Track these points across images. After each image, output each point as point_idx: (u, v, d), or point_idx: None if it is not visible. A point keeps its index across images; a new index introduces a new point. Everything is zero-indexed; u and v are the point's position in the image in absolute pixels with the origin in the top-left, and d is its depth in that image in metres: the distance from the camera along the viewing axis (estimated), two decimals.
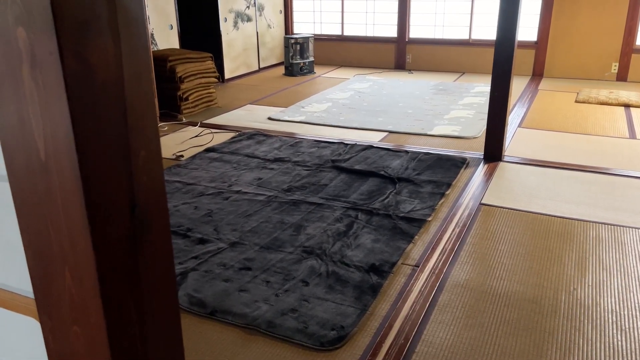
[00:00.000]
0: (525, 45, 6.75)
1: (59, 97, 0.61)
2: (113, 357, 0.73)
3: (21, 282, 0.80)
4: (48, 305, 0.75)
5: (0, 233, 0.79)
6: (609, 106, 5.35)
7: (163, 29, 5.80)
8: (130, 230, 0.71)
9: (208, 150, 4.11)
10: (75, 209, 0.66)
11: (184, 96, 5.12)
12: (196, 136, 4.52)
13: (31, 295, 0.78)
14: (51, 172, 0.66)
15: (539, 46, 6.78)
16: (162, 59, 4.99)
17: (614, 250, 2.61)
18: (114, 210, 0.69)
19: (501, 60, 3.63)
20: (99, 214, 0.66)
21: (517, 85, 6.23)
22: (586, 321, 2.10)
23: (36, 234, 0.71)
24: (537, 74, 6.89)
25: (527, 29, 6.76)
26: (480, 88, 6.22)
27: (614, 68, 6.53)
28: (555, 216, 2.97)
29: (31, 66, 0.62)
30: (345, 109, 5.37)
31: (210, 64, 5.37)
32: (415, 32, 7.48)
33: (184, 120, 5.00)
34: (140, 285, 0.75)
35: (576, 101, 5.55)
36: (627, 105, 5.34)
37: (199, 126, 4.81)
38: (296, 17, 8.12)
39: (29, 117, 0.64)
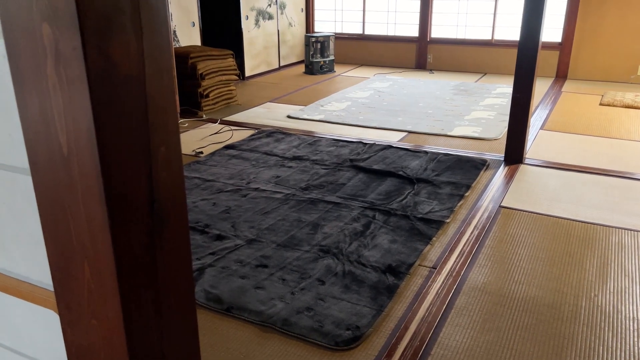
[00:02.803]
0: (549, 46, 6.65)
1: (82, 92, 0.62)
2: (130, 350, 0.74)
3: (41, 275, 0.81)
4: (67, 298, 0.75)
5: (22, 226, 0.80)
6: (634, 109, 5.24)
7: (185, 26, 5.84)
8: (149, 226, 0.72)
9: (227, 147, 4.13)
10: (95, 203, 0.66)
11: (205, 93, 5.15)
12: (216, 133, 4.54)
13: (51, 288, 0.79)
14: (73, 166, 0.66)
15: (564, 47, 6.67)
16: (183, 55, 5.02)
17: (636, 257, 2.56)
18: (134, 206, 0.69)
19: (524, 61, 3.58)
20: (118, 209, 0.67)
21: (540, 87, 6.14)
22: (606, 328, 2.06)
23: (57, 228, 0.72)
24: (561, 76, 6.78)
25: (551, 30, 6.65)
26: (502, 89, 6.15)
27: None
28: (576, 220, 2.92)
29: (55, 61, 0.62)
30: (365, 108, 5.35)
31: (231, 62, 5.39)
32: (437, 31, 7.42)
33: (204, 117, 5.03)
34: (157, 280, 0.76)
35: (601, 104, 5.45)
36: None
37: (219, 123, 4.84)
38: (317, 15, 8.11)
39: (52, 112, 0.65)
